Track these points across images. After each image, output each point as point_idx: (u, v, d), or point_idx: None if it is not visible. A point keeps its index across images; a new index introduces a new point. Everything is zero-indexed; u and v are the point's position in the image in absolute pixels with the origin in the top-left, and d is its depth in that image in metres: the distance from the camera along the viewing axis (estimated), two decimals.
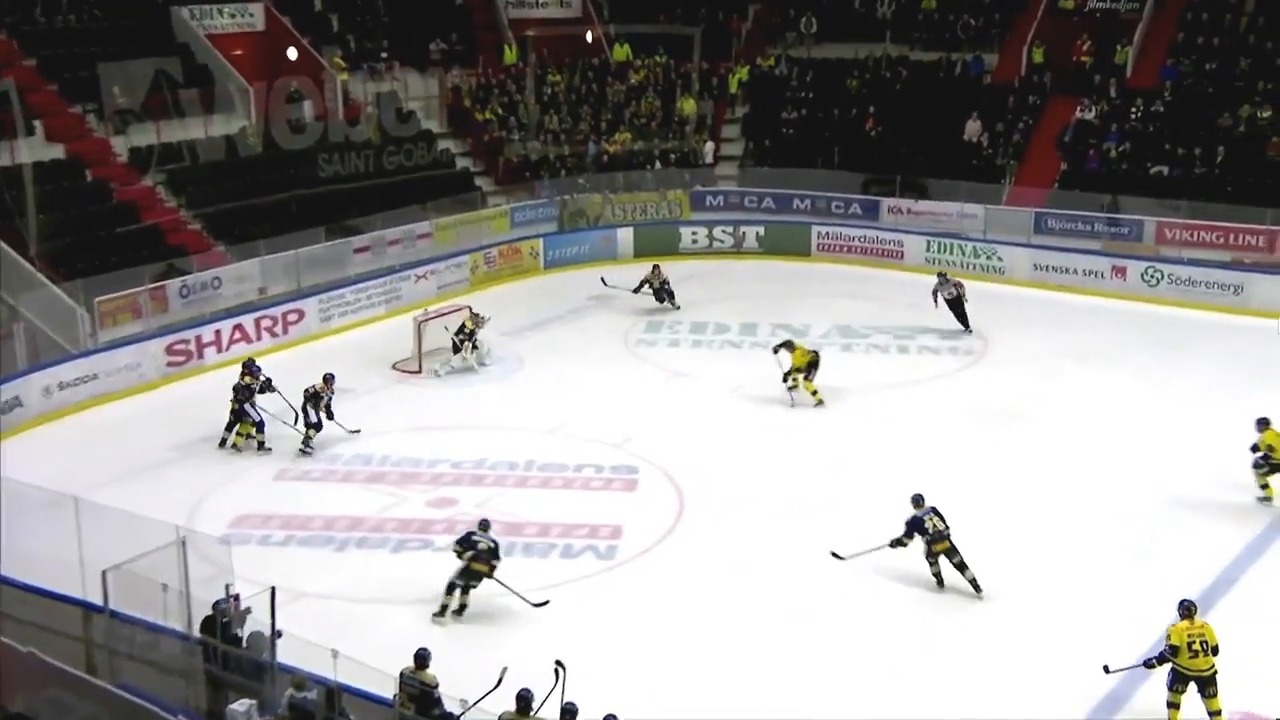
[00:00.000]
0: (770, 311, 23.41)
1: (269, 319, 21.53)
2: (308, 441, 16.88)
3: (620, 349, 21.58)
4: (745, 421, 18.15)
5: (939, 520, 13.15)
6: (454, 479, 16.00)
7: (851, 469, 16.27)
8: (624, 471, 16.34)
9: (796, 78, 31.07)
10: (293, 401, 17.25)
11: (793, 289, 25.26)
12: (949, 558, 13.08)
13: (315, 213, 24.36)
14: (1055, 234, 25.72)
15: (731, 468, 16.44)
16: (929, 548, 13.16)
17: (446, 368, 19.93)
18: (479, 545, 12.92)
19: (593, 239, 27.75)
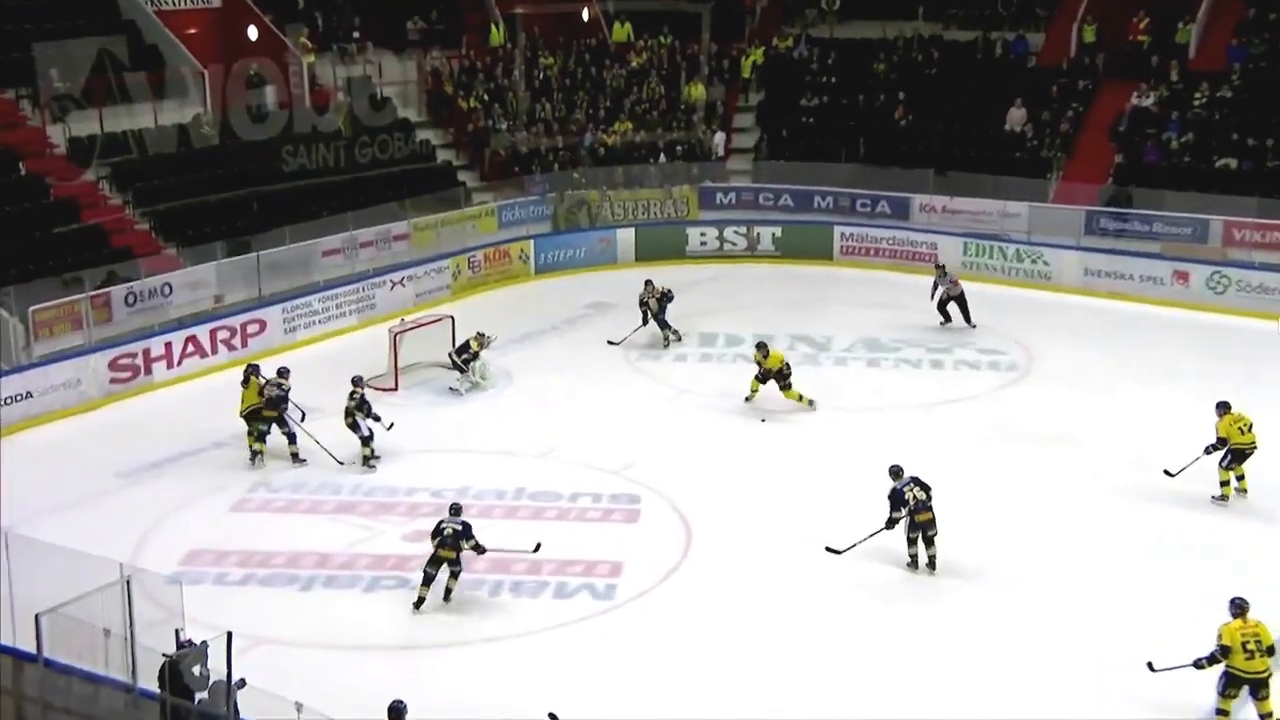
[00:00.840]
0: (788, 322, 23.42)
1: (226, 330, 21.56)
2: (370, 459, 17.32)
3: (620, 364, 21.59)
4: (760, 445, 18.14)
5: (920, 490, 14.25)
6: (434, 509, 15.94)
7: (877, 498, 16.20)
8: (624, 501, 16.33)
9: (817, 60, 31.18)
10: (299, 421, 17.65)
11: (813, 296, 25.28)
12: (925, 530, 14.23)
13: (278, 211, 24.40)
14: (1108, 235, 25.75)
15: (745, 497, 16.42)
16: (912, 519, 14.21)
17: (466, 384, 20.07)
18: (444, 532, 13.79)
19: (589, 241, 27.82)
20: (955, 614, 13.69)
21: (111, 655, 10.67)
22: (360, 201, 25.45)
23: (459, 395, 20.01)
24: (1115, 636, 13.05)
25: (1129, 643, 12.71)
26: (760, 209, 29.02)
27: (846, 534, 15.16)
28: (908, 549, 14.44)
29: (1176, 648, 11.92)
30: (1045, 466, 17.21)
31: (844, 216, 28.20)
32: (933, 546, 14.37)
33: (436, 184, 27.51)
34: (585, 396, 20.17)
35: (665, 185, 29.20)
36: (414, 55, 29.79)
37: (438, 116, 29.44)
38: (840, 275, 26.92)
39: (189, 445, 18.12)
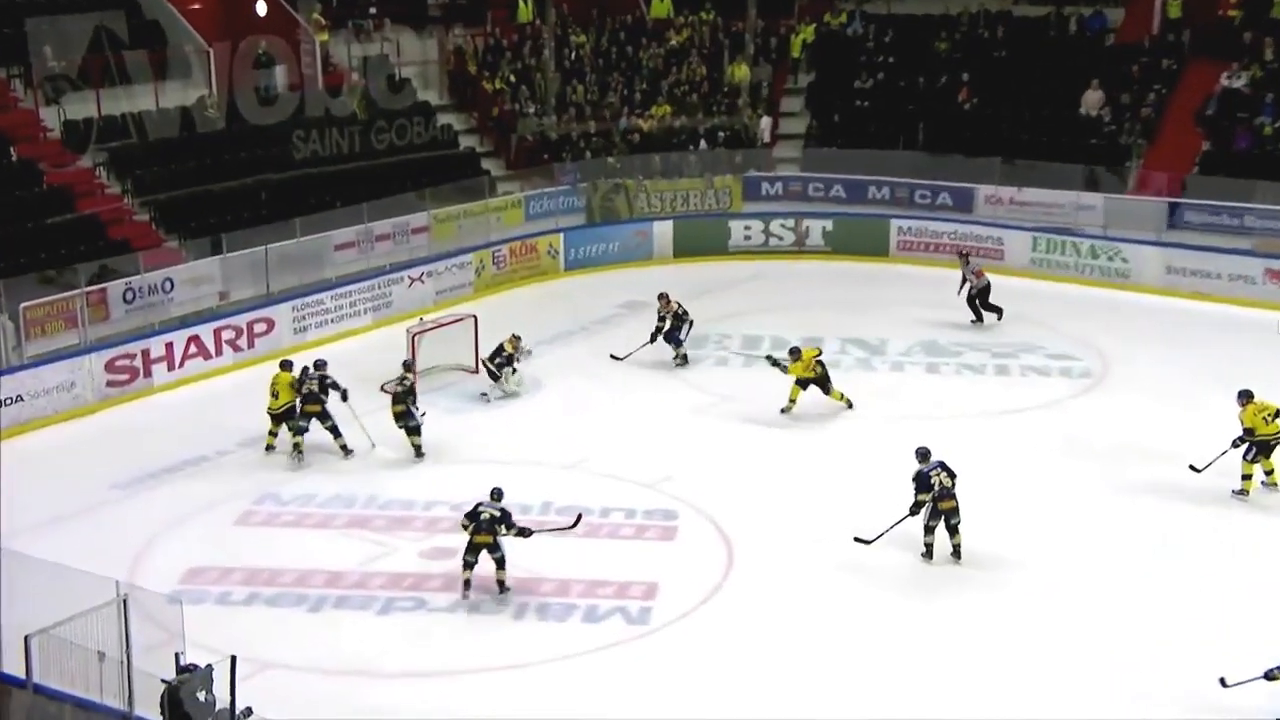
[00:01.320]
0: (839, 323, 23.35)
1: (231, 330, 21.69)
2: (422, 450, 17.99)
3: (657, 368, 21.58)
4: (809, 457, 18.08)
5: (947, 476, 14.88)
6: (453, 525, 15.93)
7: None
8: (660, 517, 16.31)
9: (873, 38, 31.09)
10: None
11: (867, 296, 25.20)
12: (948, 519, 14.87)
13: (288, 202, 24.55)
14: (1194, 229, 25.57)
15: (792, 513, 16.36)
16: (934, 506, 14.86)
17: (497, 392, 20.12)
18: (481, 516, 14.35)
19: (623, 235, 27.83)
20: (1022, 648, 13.57)
21: (106, 680, 10.72)
22: (376, 191, 25.56)
23: (488, 403, 20.03)
24: (1178, 649, 12.98)
25: (1191, 651, 12.95)
26: (810, 200, 28.94)
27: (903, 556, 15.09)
28: (924, 537, 15.03)
29: (1235, 654, 12.17)
30: (1118, 485, 17.05)
31: (902, 209, 28.11)
32: (957, 535, 15.00)
33: (459, 172, 27.59)
34: (618, 403, 20.16)
35: (706, 175, 29.18)
36: (435, 33, 29.87)
37: (460, 99, 29.52)
38: (897, 273, 26.82)
39: (191, 454, 18.24)
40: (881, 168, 28.53)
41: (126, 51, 24.40)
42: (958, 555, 15.04)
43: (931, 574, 14.80)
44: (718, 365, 21.83)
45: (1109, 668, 13.14)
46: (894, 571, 14.95)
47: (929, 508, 14.92)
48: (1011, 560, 15.17)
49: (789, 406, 19.21)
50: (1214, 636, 13.55)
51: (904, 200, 28.25)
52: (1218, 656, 12.82)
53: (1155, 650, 13.41)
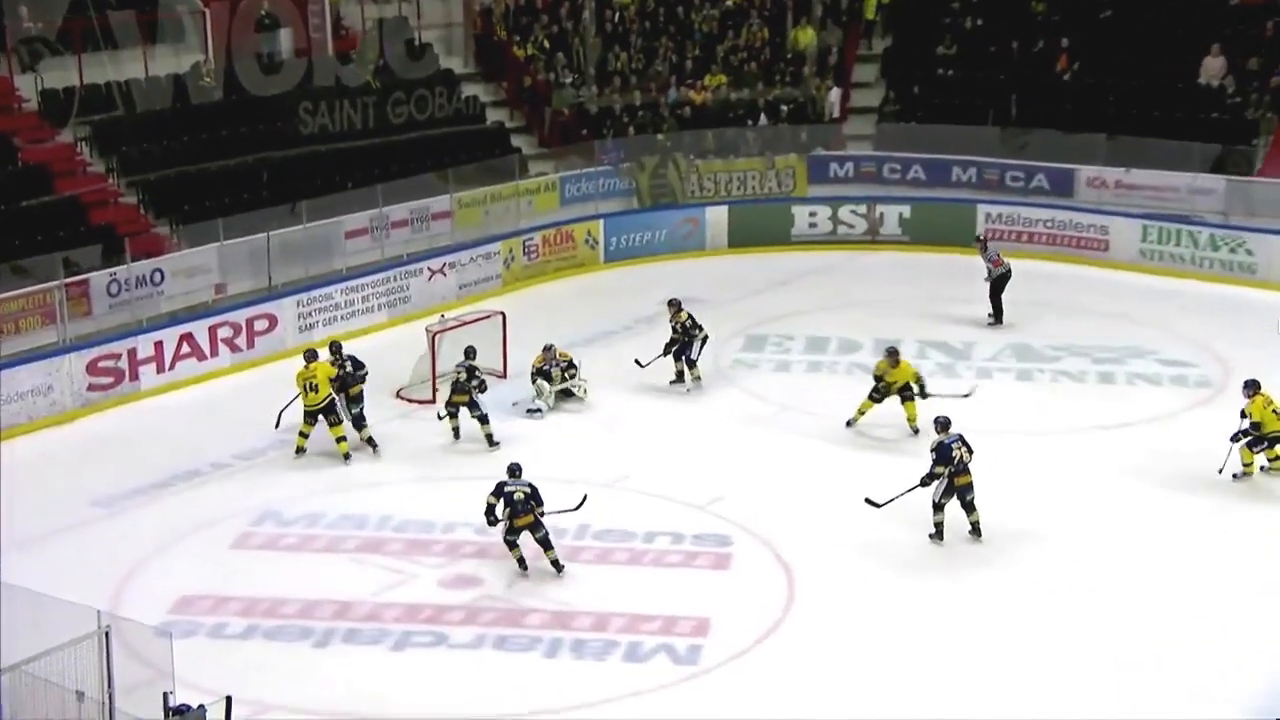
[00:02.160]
0: (917, 323, 23.34)
1: (229, 327, 21.87)
2: (493, 438, 18.87)
3: (709, 374, 21.57)
4: (880, 475, 17.96)
5: (966, 450, 15.90)
6: (478, 550, 16.06)
7: (1016, 546, 16.11)
8: (711, 542, 16.30)
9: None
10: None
11: (950, 293, 25.13)
12: (963, 495, 15.89)
13: (293, 183, 24.74)
14: None
15: (861, 538, 16.31)
16: (950, 482, 15.85)
17: (550, 398, 20.19)
18: (514, 497, 15.29)
19: (670, 223, 27.88)
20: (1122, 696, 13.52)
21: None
22: (393, 171, 25.71)
23: (540, 416, 20.07)
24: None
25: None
26: (885, 183, 28.93)
27: (986, 587, 15.04)
28: (934, 515, 15.99)
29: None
30: (1230, 511, 16.95)
31: (990, 193, 28.06)
32: (974, 512, 16.05)
33: (485, 151, 27.72)
34: (665, 413, 20.17)
35: (766, 154, 29.19)
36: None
37: (488, 67, 29.67)
38: (984, 266, 26.70)
39: (182, 467, 18.39)
40: (967, 146, 28.48)
41: (112, 12, 24.68)
42: (977, 533, 16.06)
43: (1027, 622, 14.69)
44: (778, 371, 21.82)
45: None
46: (979, 611, 14.88)
47: (944, 483, 15.89)
48: (1112, 600, 15.04)
49: (856, 418, 19.15)
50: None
51: (993, 183, 28.19)
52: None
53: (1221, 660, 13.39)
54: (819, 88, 30.06)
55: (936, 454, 15.91)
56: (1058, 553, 15.91)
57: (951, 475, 15.87)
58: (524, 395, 20.29)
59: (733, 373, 21.67)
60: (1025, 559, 15.88)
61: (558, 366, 20.31)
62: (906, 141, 29.21)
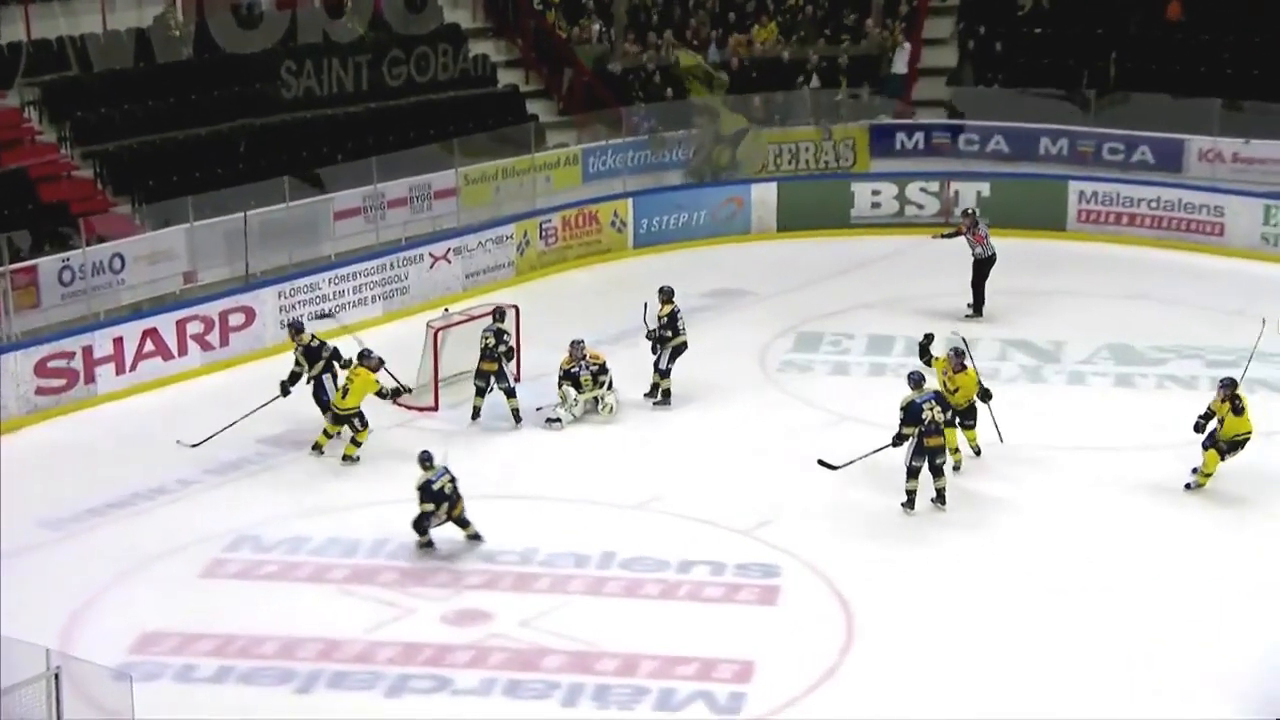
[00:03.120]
0: (998, 320, 23.33)
1: (199, 322, 21.93)
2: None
3: (754, 376, 21.58)
4: (955, 494, 17.97)
5: (940, 411, 17.01)
6: (487, 580, 16.08)
7: (1123, 585, 16.06)
8: (757, 573, 16.27)
9: None
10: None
11: (1036, 284, 25.12)
12: (933, 457, 16.98)
13: (275, 155, 24.82)
14: None
15: (933, 570, 16.31)
16: (920, 442, 16.91)
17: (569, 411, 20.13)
18: (444, 491, 16.35)
19: (711, 202, 27.88)
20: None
21: None
22: (389, 142, 25.80)
23: (559, 427, 20.09)
24: None
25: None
26: (961, 157, 28.91)
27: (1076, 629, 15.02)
28: (906, 482, 17.10)
29: None
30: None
31: (1084, 168, 28.06)
32: (941, 478, 17.22)
33: (497, 118, 27.79)
34: (702, 424, 20.14)
35: (822, 122, 29.20)
36: None
37: (500, 21, 29.72)
38: (1077, 253, 26.72)
39: (145, 484, 18.40)
40: (1058, 113, 28.50)
41: None
42: (942, 500, 17.29)
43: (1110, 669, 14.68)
44: (835, 374, 21.76)
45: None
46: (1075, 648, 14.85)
47: (914, 444, 16.97)
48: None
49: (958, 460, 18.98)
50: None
51: (1087, 156, 28.18)
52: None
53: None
54: (889, 41, 29.99)
55: (905, 413, 16.99)
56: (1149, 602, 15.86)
57: (922, 435, 16.91)
58: (547, 400, 20.31)
59: (782, 377, 21.62)
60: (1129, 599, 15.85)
61: (587, 370, 20.19)
62: (986, 108, 29.20)
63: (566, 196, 27.10)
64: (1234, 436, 17.62)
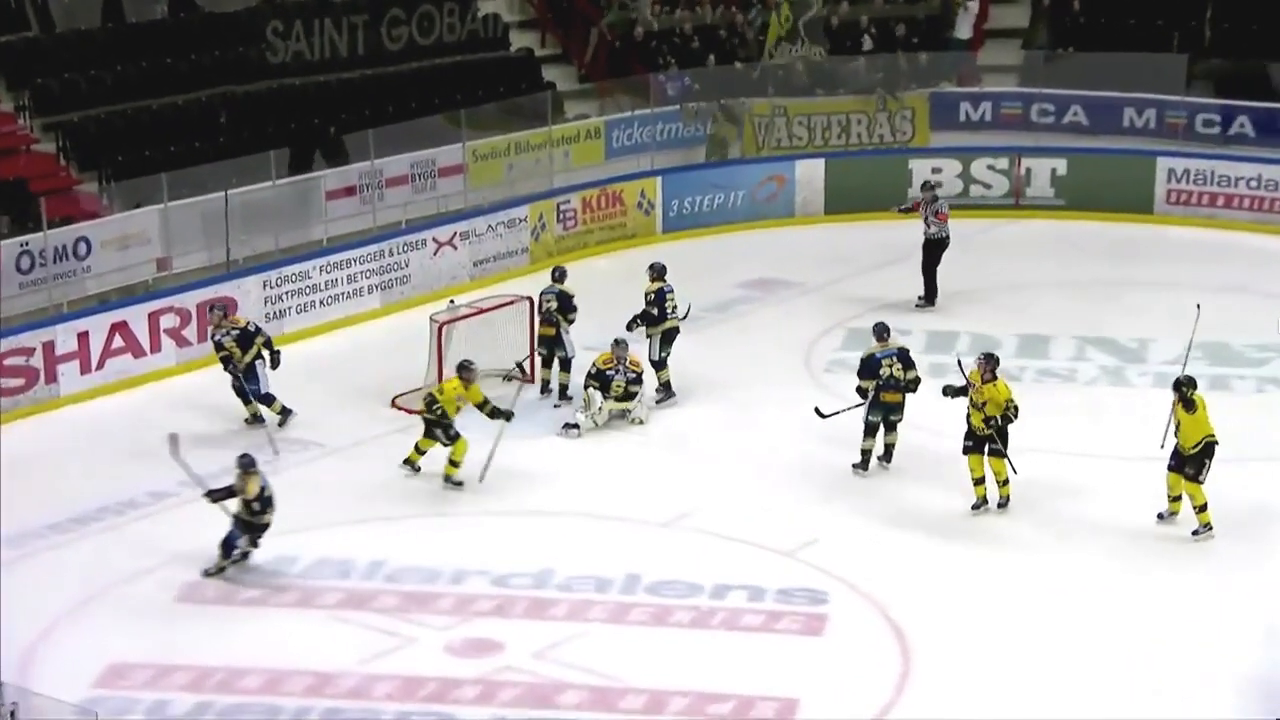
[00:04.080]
0: (1076, 315, 23.36)
1: (174, 315, 22.02)
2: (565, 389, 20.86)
3: (799, 376, 21.62)
4: (1024, 511, 17.99)
5: (901, 368, 18.59)
6: (497, 606, 16.10)
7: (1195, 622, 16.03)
8: (801, 599, 16.28)
9: None
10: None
11: (1119, 274, 25.15)
12: (888, 413, 18.57)
13: (259, 127, 24.87)
14: None
15: (995, 596, 16.33)
16: (876, 396, 18.49)
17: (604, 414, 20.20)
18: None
19: (749, 181, 27.90)
20: None
21: None
22: (388, 113, 25.82)
23: (576, 435, 20.16)
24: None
25: None
26: (1033, 130, 28.89)
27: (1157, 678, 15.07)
28: (862, 440, 18.65)
29: None
30: None
31: (1174, 142, 28.01)
32: (893, 433, 18.77)
33: (509, 85, 27.81)
34: (741, 430, 20.15)
35: (877, 91, 29.15)
36: None
37: None
38: (1166, 239, 26.67)
39: (113, 496, 18.46)
40: (1144, 79, 28.40)
41: None
42: (888, 457, 18.78)
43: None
44: None
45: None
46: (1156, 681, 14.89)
47: (870, 399, 18.48)
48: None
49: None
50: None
51: (1179, 129, 28.08)
52: None
53: None
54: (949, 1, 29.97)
55: (863, 365, 18.70)
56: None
57: (879, 389, 18.49)
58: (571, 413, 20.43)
59: (830, 378, 21.59)
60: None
61: (623, 375, 20.19)
62: (1063, 74, 29.11)
63: (587, 175, 27.17)
64: (1194, 446, 17.25)
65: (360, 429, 19.47)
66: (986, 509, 17.98)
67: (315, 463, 19.05)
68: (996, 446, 17.96)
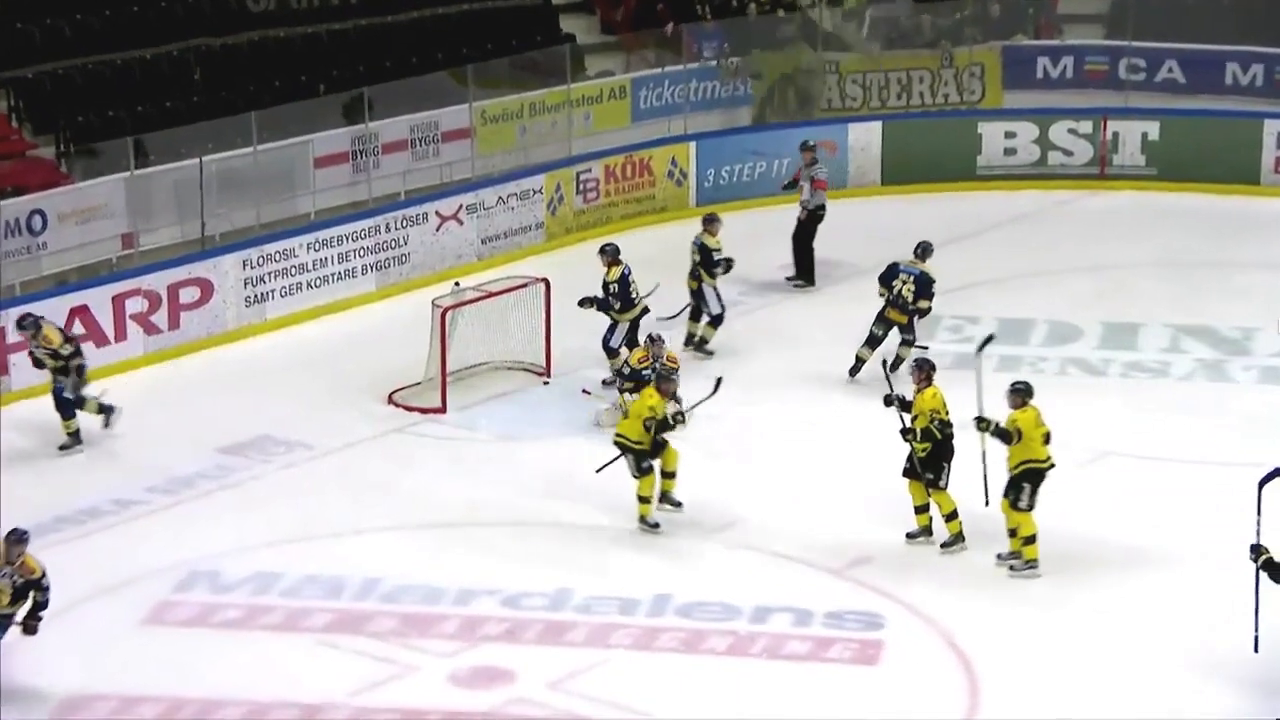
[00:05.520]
0: (1171, 299, 23.42)
1: (142, 298, 22.14)
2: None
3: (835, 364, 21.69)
4: (1106, 525, 18.02)
5: (913, 288, 20.85)
6: (507, 630, 16.11)
7: None
8: (852, 624, 16.32)
9: None
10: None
11: (1221, 254, 25.18)
12: (881, 328, 21.08)
13: (238, 84, 24.96)
14: None
15: (1073, 624, 16.33)
16: (880, 313, 21.04)
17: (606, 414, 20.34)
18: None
19: (796, 148, 27.78)
20: None
21: None
22: (384, 69, 25.90)
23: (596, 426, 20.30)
24: None
25: None
26: (1121, 89, 28.90)
27: None
28: (860, 346, 21.17)
29: None
30: None
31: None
32: (905, 349, 21.02)
33: (523, 38, 27.86)
34: (786, 432, 20.21)
35: (941, 44, 29.18)
36: None
37: None
38: (1275, 212, 26.66)
39: (73, 505, 18.56)
40: (1252, 30, 28.41)
41: None
42: (894, 367, 19.96)
43: None
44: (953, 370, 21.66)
45: None
46: None
47: (879, 311, 20.97)
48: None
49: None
50: None
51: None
52: None
53: None
54: None
55: (884, 271, 21.16)
56: None
57: (887, 303, 20.86)
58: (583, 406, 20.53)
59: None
60: None
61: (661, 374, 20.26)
62: (1155, 24, 29.07)
63: (611, 140, 27.26)
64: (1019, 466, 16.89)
65: (353, 428, 19.55)
66: (926, 540, 17.68)
67: (302, 465, 19.12)
68: (931, 476, 17.46)
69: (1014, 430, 16.63)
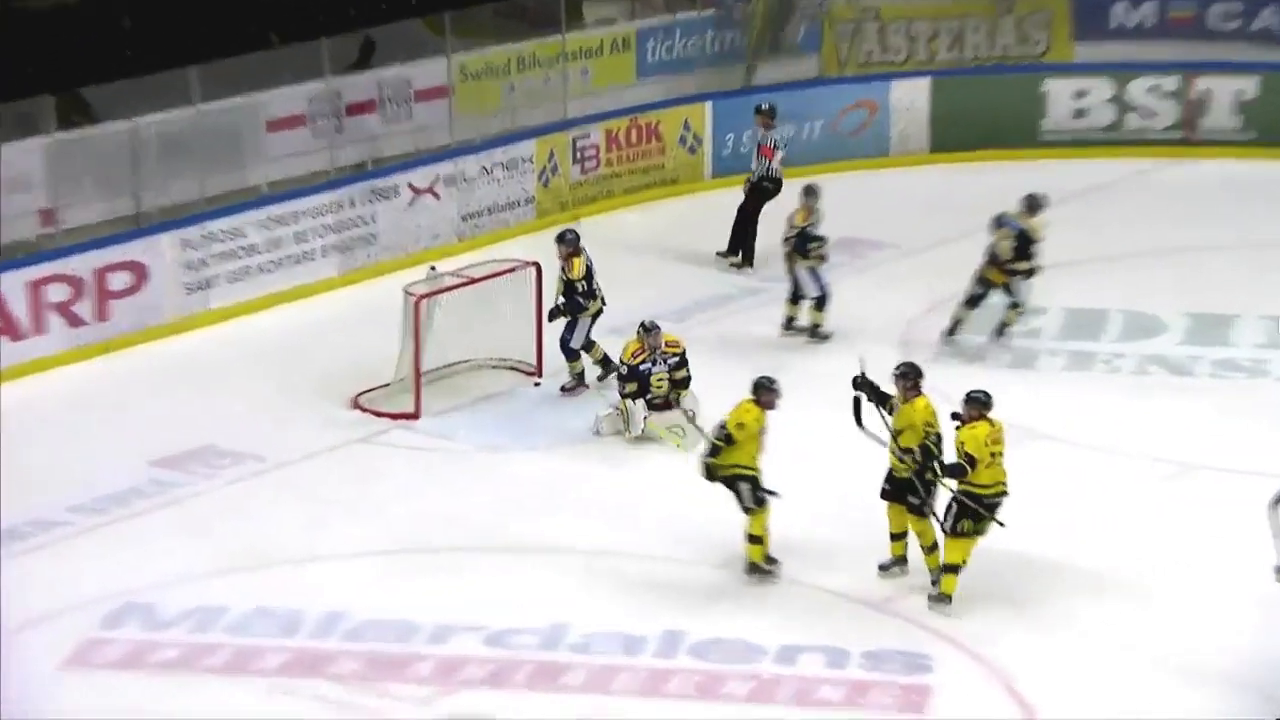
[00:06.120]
0: (1269, 287, 23.51)
1: (65, 285, 22.24)
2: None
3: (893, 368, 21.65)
4: (1195, 550, 18.06)
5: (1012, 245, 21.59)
6: (493, 672, 16.15)
7: None
8: (897, 665, 16.36)
9: None
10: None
11: None
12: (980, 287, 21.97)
13: (176, 35, 24.99)
14: None
15: (1151, 666, 16.37)
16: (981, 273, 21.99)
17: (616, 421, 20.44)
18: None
19: (829, 107, 28.10)
20: None
21: None
22: (350, 17, 25.93)
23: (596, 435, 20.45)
24: None
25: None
26: (1211, 39, 28.93)
27: None
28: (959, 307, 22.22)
29: None
30: None
31: None
32: (1011, 312, 22.21)
33: None
34: (817, 441, 20.19)
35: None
36: None
37: None
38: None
39: None
40: None
41: None
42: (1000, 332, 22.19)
43: None
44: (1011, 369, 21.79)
45: None
46: None
47: (977, 274, 21.94)
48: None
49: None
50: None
51: None
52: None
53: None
54: None
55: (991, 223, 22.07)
56: None
57: (987, 262, 21.87)
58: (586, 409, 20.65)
59: (936, 370, 21.53)
60: None
61: (662, 364, 20.38)
62: None
63: (614, 100, 27.36)
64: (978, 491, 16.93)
65: (312, 437, 19.60)
66: (901, 572, 17.67)
67: (252, 480, 19.14)
68: (917, 500, 17.42)
69: (963, 459, 16.68)
